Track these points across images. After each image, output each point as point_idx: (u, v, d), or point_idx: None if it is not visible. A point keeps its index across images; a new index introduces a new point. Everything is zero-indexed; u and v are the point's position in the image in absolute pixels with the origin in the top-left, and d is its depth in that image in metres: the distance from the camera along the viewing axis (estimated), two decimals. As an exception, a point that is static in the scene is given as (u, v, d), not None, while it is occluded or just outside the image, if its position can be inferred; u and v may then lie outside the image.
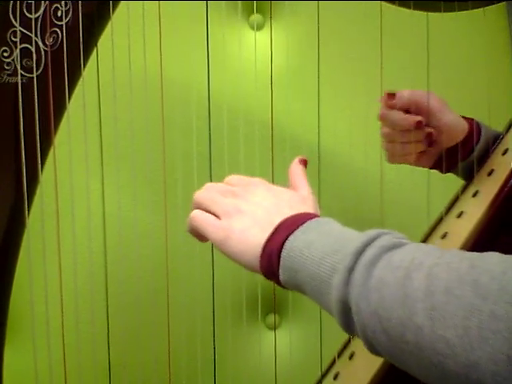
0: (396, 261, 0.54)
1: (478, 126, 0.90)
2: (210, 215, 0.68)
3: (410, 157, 0.90)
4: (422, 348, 0.49)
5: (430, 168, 0.92)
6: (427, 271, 0.51)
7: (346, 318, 0.57)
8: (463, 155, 0.89)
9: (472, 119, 0.90)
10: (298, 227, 0.63)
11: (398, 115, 0.88)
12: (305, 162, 0.74)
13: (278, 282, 0.64)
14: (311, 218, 0.64)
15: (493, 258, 0.50)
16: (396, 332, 0.52)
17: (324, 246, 0.60)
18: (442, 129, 0.88)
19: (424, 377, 0.52)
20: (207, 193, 0.70)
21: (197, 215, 0.69)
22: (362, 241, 0.57)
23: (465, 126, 0.89)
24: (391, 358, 0.54)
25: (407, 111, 0.88)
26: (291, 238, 0.62)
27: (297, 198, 0.69)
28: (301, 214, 0.65)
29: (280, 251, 0.62)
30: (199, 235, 0.69)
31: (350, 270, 0.56)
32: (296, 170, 0.73)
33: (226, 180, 0.72)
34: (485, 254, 0.51)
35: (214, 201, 0.69)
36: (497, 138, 0.89)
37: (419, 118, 0.86)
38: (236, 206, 0.67)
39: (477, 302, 0.47)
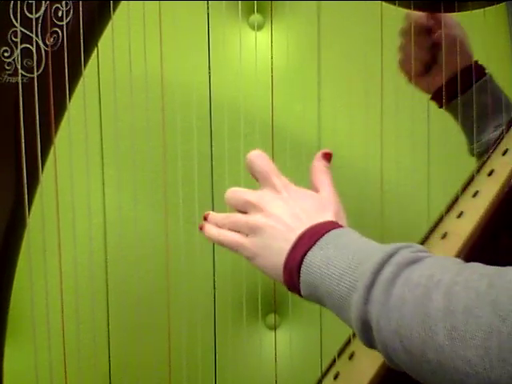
0: (414, 278, 0.54)
1: (481, 66, 0.93)
2: (235, 234, 0.70)
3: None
4: (444, 366, 0.50)
5: (431, 98, 0.94)
6: (446, 290, 0.52)
7: (367, 335, 0.57)
8: (462, 87, 0.90)
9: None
10: (315, 242, 0.63)
11: None
12: (328, 157, 0.73)
13: (301, 296, 0.65)
14: (328, 230, 0.64)
15: (510, 276, 0.50)
16: (417, 350, 0.52)
17: (342, 262, 0.60)
18: (455, 41, 0.90)
19: None
20: (227, 217, 0.71)
21: (224, 236, 0.71)
22: (380, 258, 0.57)
23: (470, 51, 0.93)
24: (413, 374, 0.55)
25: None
26: (309, 254, 0.63)
27: (317, 204, 0.69)
28: (318, 225, 0.65)
29: (299, 267, 0.63)
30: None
31: (369, 288, 0.56)
32: (318, 166, 0.73)
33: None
34: (503, 269, 0.51)
35: (236, 222, 0.70)
36: (495, 143, 0.89)
37: None
38: (257, 224, 0.68)
39: (496, 322, 0.48)
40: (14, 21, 0.77)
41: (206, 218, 0.73)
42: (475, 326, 0.49)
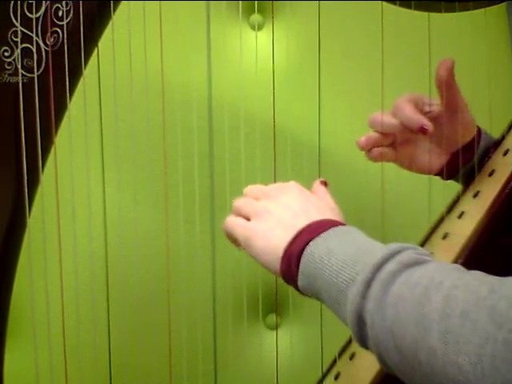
0: (415, 278, 0.53)
1: (479, 129, 0.89)
2: (240, 218, 0.69)
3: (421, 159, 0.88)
4: (434, 371, 0.49)
5: (435, 174, 0.89)
6: (445, 292, 0.50)
7: (360, 331, 0.56)
8: (467, 159, 0.87)
9: None
10: (320, 233, 0.62)
11: (411, 112, 0.84)
12: (325, 184, 0.74)
13: (296, 287, 0.64)
14: (335, 226, 0.63)
15: None
16: (409, 351, 0.51)
17: (344, 255, 0.59)
18: (463, 125, 0.86)
19: None
20: (243, 199, 0.71)
21: (229, 219, 0.70)
22: (383, 254, 0.56)
23: (475, 127, 0.88)
24: (403, 376, 0.54)
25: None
26: (312, 243, 0.62)
27: (325, 204, 0.69)
28: (326, 220, 0.65)
29: (300, 256, 0.62)
30: (233, 240, 0.70)
31: (368, 283, 0.55)
32: (319, 188, 0.73)
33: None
34: (507, 278, 0.49)
35: (246, 203, 0.70)
36: (495, 144, 0.89)
37: (428, 124, 0.83)
38: (265, 207, 0.68)
39: (492, 329, 0.46)
40: (14, 20, 0.77)
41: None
42: (470, 330, 0.47)
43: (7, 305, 0.84)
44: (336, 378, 0.85)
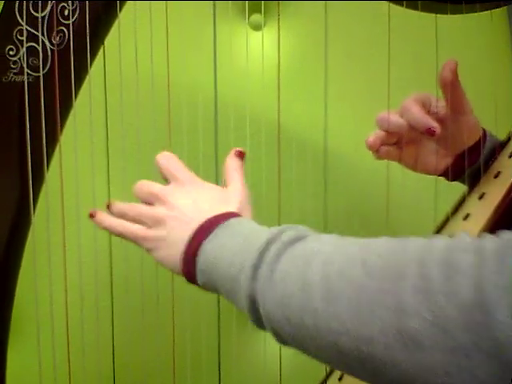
0: (297, 251, 0.57)
1: (484, 131, 0.89)
2: (137, 226, 0.71)
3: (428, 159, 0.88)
4: (320, 330, 0.51)
5: (440, 174, 0.89)
6: (324, 257, 0.54)
7: (255, 313, 0.59)
8: (473, 160, 0.87)
9: None
10: (212, 230, 0.65)
11: (419, 113, 0.84)
12: (241, 155, 0.75)
13: (199, 285, 0.67)
14: (226, 219, 0.66)
15: (381, 240, 0.53)
16: (296, 318, 0.54)
17: (234, 246, 0.62)
18: (468, 127, 0.86)
19: (324, 359, 0.54)
20: (131, 208, 0.73)
21: (125, 228, 0.72)
22: (267, 238, 0.59)
23: (480, 129, 0.88)
24: (296, 345, 0.56)
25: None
26: (205, 242, 0.65)
27: (220, 196, 0.71)
28: (218, 215, 0.67)
29: (196, 256, 0.65)
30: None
31: (256, 266, 0.58)
32: (231, 163, 0.74)
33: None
34: (375, 239, 0.53)
35: (140, 214, 0.71)
36: (500, 146, 0.89)
37: (436, 126, 0.83)
38: (160, 215, 0.70)
39: (365, 280, 0.49)
40: (19, 19, 0.77)
41: (108, 207, 0.75)
42: (347, 285, 0.50)
43: (10, 304, 0.84)
44: (340, 378, 0.85)
